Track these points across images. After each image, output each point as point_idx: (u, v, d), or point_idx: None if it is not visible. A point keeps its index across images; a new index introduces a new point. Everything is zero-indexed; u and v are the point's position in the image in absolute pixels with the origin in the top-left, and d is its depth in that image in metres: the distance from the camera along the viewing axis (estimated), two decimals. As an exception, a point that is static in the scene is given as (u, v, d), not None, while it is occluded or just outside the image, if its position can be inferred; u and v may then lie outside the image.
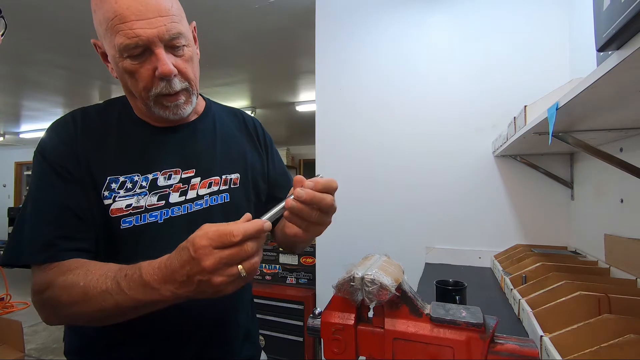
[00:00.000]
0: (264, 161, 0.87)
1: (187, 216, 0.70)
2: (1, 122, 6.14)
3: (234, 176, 0.78)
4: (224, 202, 0.76)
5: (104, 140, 0.68)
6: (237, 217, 0.79)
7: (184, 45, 0.64)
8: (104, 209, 0.64)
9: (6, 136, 7.26)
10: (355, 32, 1.92)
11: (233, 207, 0.77)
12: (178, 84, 0.65)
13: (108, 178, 0.65)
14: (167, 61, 0.61)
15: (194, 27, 0.72)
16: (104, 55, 0.67)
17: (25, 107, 5.06)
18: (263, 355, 0.88)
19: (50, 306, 0.58)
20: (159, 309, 0.54)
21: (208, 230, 0.49)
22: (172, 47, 0.63)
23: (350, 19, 1.93)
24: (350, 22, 1.93)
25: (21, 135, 7.06)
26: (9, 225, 7.12)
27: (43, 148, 0.65)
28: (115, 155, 0.67)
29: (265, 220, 0.52)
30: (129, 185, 0.66)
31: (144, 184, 0.67)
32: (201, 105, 0.81)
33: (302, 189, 0.54)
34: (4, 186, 8.29)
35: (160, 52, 0.61)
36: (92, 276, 0.56)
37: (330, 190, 0.56)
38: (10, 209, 7.30)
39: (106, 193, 0.64)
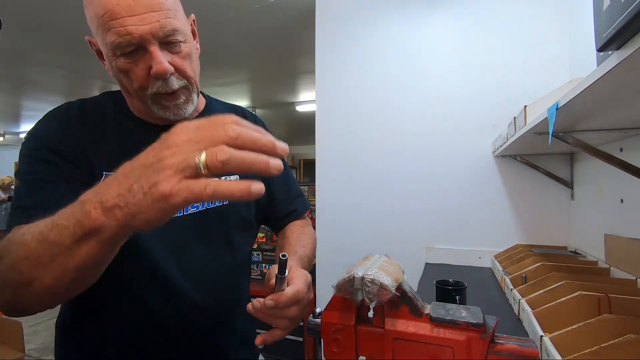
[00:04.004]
0: None
1: (182, 219, 0.67)
2: (1, 122, 6.15)
3: (232, 177, 0.75)
4: (221, 205, 0.73)
5: (99, 135, 0.65)
6: (234, 221, 0.76)
7: (180, 42, 0.61)
8: None
9: (6, 136, 7.27)
10: (356, 32, 1.92)
11: (230, 210, 0.74)
12: (176, 83, 0.61)
13: (104, 173, 0.62)
14: (161, 60, 0.58)
15: (193, 21, 0.69)
16: (99, 53, 0.63)
17: (25, 107, 5.07)
18: (261, 357, 0.87)
19: None
20: (101, 253, 0.41)
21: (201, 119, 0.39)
22: (167, 43, 0.59)
23: (351, 19, 1.93)
24: (350, 22, 1.93)
25: (21, 135, 7.06)
26: (9, 225, 7.11)
27: (37, 131, 0.62)
28: (111, 151, 0.64)
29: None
30: None
31: None
32: (201, 103, 0.78)
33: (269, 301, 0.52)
34: (4, 186, 8.28)
35: (155, 49, 0.57)
36: (41, 221, 0.45)
37: (296, 302, 0.54)
38: (10, 209, 7.29)
39: None
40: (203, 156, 0.34)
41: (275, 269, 0.54)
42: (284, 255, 0.51)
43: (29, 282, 0.43)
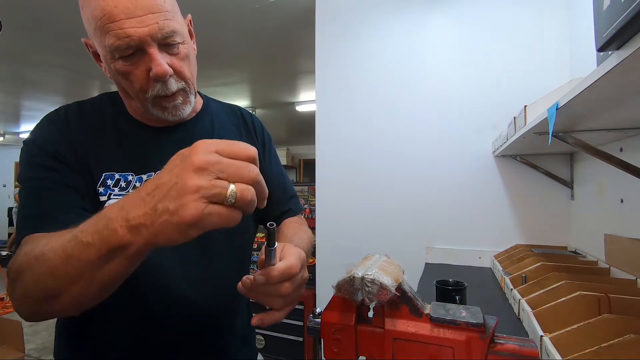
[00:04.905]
0: (261, 159, 0.85)
1: None
2: (1, 122, 6.14)
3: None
4: None
5: (99, 137, 0.65)
6: None
7: (179, 43, 0.61)
8: (99, 204, 0.62)
9: (6, 136, 7.27)
10: (356, 32, 1.92)
11: None
12: (174, 85, 0.62)
13: (104, 174, 0.63)
14: (161, 61, 0.58)
15: (190, 21, 0.69)
16: (96, 55, 0.64)
17: (25, 107, 5.06)
18: (259, 357, 0.87)
19: (13, 285, 0.49)
20: (125, 267, 0.42)
21: (219, 140, 0.39)
22: (166, 45, 0.59)
23: (351, 19, 1.93)
24: (350, 22, 1.93)
25: (21, 135, 7.06)
26: (9, 226, 7.12)
27: (36, 136, 0.63)
28: (110, 152, 0.65)
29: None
30: (123, 184, 0.64)
31: (137, 184, 0.65)
32: (199, 103, 0.78)
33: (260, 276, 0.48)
34: (4, 186, 8.28)
35: (154, 51, 0.57)
36: (58, 235, 0.46)
37: (289, 278, 0.49)
38: (10, 209, 7.30)
39: (101, 189, 0.62)
40: (233, 189, 0.36)
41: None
42: (271, 224, 0.45)
43: (55, 296, 0.45)
